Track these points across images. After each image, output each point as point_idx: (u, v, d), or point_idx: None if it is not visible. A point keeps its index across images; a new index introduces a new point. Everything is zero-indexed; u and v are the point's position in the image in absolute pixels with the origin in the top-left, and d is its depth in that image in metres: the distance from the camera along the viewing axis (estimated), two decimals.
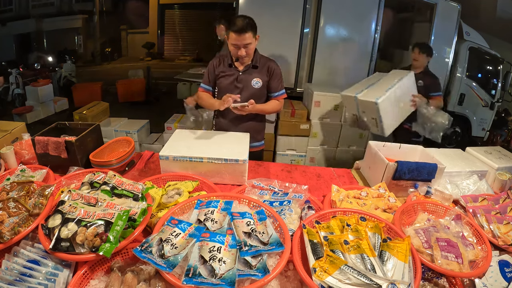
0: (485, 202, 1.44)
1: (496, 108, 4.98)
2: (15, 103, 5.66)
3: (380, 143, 1.78)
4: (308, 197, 1.37)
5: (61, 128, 1.76)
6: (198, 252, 0.89)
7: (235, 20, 1.66)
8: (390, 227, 1.10)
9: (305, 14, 3.73)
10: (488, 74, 4.89)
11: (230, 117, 1.92)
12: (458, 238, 1.11)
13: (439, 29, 4.08)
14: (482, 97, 4.83)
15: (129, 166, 1.70)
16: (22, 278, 0.88)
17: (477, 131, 5.07)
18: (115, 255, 0.98)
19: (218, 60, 1.90)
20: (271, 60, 1.89)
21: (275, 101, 1.90)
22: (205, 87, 1.92)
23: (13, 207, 1.05)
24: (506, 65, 4.77)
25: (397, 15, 5.13)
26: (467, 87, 4.69)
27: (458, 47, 4.39)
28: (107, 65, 10.67)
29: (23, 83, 5.77)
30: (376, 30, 3.88)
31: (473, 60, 4.60)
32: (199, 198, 1.18)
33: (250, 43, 1.70)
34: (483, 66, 4.86)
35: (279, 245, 0.94)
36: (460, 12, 4.05)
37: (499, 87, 4.83)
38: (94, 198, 1.05)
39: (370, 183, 1.71)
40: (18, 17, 8.18)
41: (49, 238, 0.93)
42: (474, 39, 4.60)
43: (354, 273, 0.86)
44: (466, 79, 4.63)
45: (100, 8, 9.50)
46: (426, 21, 4.29)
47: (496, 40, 5.08)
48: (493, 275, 1.04)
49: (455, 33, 4.15)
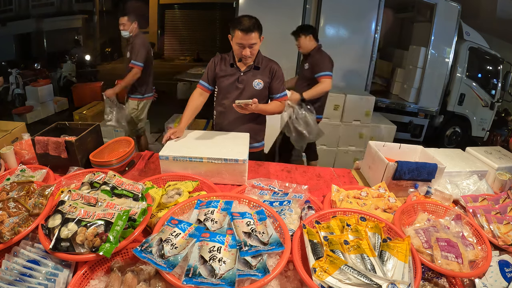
0: (485, 202, 1.44)
1: (496, 108, 4.99)
2: (15, 103, 5.65)
3: (380, 143, 1.78)
4: (308, 197, 1.37)
5: (61, 128, 1.76)
6: (198, 252, 0.89)
7: (241, 19, 1.64)
8: (390, 227, 1.10)
9: (305, 14, 3.74)
10: (488, 74, 4.89)
11: (231, 118, 1.92)
12: (458, 238, 1.11)
13: (439, 29, 4.08)
14: (482, 97, 4.83)
15: (129, 166, 1.70)
16: (22, 278, 0.88)
17: (477, 131, 5.07)
18: (115, 255, 0.97)
19: (219, 58, 1.88)
20: (273, 62, 1.87)
21: (277, 102, 1.89)
22: (204, 84, 1.90)
23: (13, 207, 1.05)
24: (506, 65, 4.77)
25: (397, 15, 5.14)
26: (467, 87, 4.70)
27: (458, 47, 4.40)
28: (107, 65, 10.68)
29: (23, 83, 5.77)
30: (376, 30, 3.89)
31: (473, 60, 4.60)
32: (199, 198, 1.18)
33: (255, 43, 1.69)
34: (483, 66, 4.86)
35: (279, 245, 0.94)
36: (460, 12, 4.05)
37: (499, 87, 4.84)
38: (94, 198, 1.05)
39: (370, 183, 1.71)
40: (18, 17, 8.17)
41: (49, 238, 0.93)
42: (474, 39, 4.60)
43: (354, 273, 0.86)
44: (466, 79, 4.64)
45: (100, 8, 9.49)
46: (426, 21, 4.30)
47: (496, 40, 5.08)
48: (493, 275, 1.04)
49: (455, 33, 4.15)
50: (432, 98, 4.44)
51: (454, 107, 4.78)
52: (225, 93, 1.90)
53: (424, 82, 4.29)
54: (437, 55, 4.22)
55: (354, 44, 3.95)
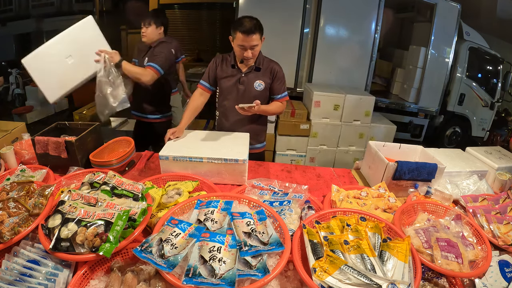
0: (485, 202, 1.44)
1: (496, 108, 4.99)
2: (15, 103, 5.65)
3: (380, 143, 1.78)
4: (308, 197, 1.37)
5: (61, 128, 1.76)
6: (198, 252, 0.89)
7: (242, 21, 1.63)
8: (390, 227, 1.10)
9: (305, 14, 3.74)
10: (488, 74, 4.89)
11: (232, 119, 1.91)
12: (458, 238, 1.11)
13: (439, 29, 4.08)
14: (482, 97, 4.83)
15: (129, 166, 1.70)
16: (22, 278, 0.88)
17: (477, 131, 5.07)
18: (115, 255, 0.98)
19: (221, 59, 1.87)
20: (274, 62, 1.87)
21: (278, 103, 1.88)
22: (204, 84, 1.89)
23: (13, 207, 1.05)
24: (506, 65, 4.77)
25: (397, 15, 5.14)
26: (467, 87, 4.70)
27: (458, 47, 4.40)
28: None
29: (23, 83, 5.77)
30: (376, 30, 3.89)
31: (473, 60, 4.60)
32: (199, 198, 1.17)
33: (257, 45, 1.68)
34: (483, 66, 4.86)
35: (279, 245, 0.94)
36: (460, 12, 4.05)
37: (499, 87, 4.83)
38: (94, 198, 1.05)
39: (370, 183, 1.71)
40: (18, 17, 8.15)
41: (49, 238, 0.93)
42: (474, 39, 4.60)
43: (354, 273, 0.86)
44: (466, 79, 4.63)
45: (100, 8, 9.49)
46: (426, 21, 4.30)
47: (496, 40, 5.08)
48: (493, 275, 1.04)
49: (455, 33, 4.15)
50: (432, 98, 4.44)
51: (454, 107, 4.78)
52: (226, 94, 1.89)
53: (424, 82, 4.29)
54: (437, 55, 4.22)
55: (354, 44, 3.94)
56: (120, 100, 2.00)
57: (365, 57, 3.99)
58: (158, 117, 2.49)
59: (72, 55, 1.83)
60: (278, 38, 3.63)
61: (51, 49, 1.80)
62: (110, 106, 2.00)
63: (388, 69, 5.30)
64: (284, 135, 3.55)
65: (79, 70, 1.87)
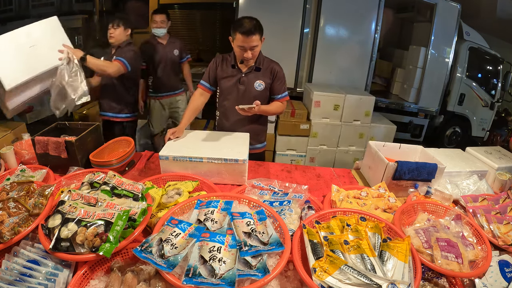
0: (485, 202, 1.44)
1: (496, 108, 4.98)
2: None
3: (380, 143, 1.78)
4: (308, 197, 1.37)
5: (61, 128, 1.76)
6: (198, 252, 0.89)
7: (242, 22, 1.62)
8: (390, 227, 1.10)
9: (305, 14, 3.73)
10: (488, 74, 4.89)
11: (233, 119, 1.91)
12: (458, 238, 1.11)
13: (439, 29, 4.07)
14: (482, 97, 4.83)
15: (129, 166, 1.70)
16: (22, 278, 0.88)
17: (477, 131, 5.07)
18: (115, 255, 0.98)
19: (221, 59, 1.86)
20: (274, 62, 1.86)
21: (278, 103, 1.88)
22: (204, 84, 1.89)
23: (13, 207, 1.05)
24: (506, 65, 4.77)
25: (397, 15, 5.14)
26: (467, 87, 4.69)
27: (458, 47, 4.39)
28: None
29: None
30: (376, 30, 3.89)
31: (473, 60, 4.60)
32: (199, 198, 1.18)
33: (256, 46, 1.68)
34: (483, 66, 4.86)
35: (279, 245, 0.94)
36: (460, 12, 4.05)
37: (499, 87, 4.83)
38: (94, 198, 1.05)
39: (370, 183, 1.71)
40: (18, 17, 8.15)
41: (49, 238, 0.93)
42: (474, 39, 4.60)
43: (354, 273, 0.86)
44: (466, 79, 4.63)
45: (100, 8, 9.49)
46: (426, 21, 4.29)
47: (496, 40, 5.08)
48: (493, 275, 1.04)
49: (455, 33, 4.15)
50: (432, 98, 4.44)
51: (454, 107, 4.78)
52: (226, 94, 1.89)
53: (424, 82, 4.29)
54: (437, 55, 4.22)
55: (354, 44, 3.94)
56: (80, 93, 1.95)
57: (365, 57, 3.99)
58: (129, 115, 2.61)
59: (36, 45, 1.82)
60: (278, 38, 3.63)
61: (17, 36, 1.79)
62: (69, 99, 1.94)
63: (388, 69, 5.30)
64: (284, 135, 3.55)
65: (42, 60, 1.85)
